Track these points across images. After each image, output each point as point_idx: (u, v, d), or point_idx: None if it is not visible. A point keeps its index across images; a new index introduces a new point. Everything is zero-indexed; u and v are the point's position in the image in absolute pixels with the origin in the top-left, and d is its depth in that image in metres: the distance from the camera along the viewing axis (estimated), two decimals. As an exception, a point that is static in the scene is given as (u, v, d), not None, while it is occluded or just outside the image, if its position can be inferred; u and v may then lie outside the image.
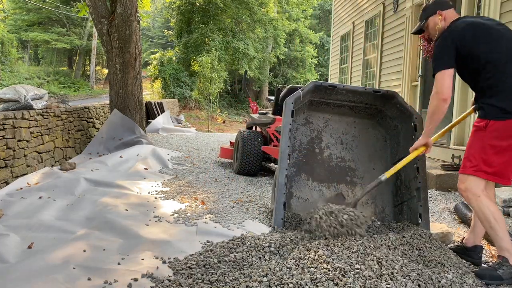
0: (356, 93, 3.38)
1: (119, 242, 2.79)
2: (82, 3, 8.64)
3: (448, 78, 2.39)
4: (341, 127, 3.59)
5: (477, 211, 2.42)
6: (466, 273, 2.28)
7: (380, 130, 3.56)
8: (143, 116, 7.35)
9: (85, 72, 31.16)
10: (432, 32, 2.63)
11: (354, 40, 10.14)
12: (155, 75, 20.04)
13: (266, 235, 2.91)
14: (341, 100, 3.45)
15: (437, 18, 2.57)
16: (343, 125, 3.59)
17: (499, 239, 2.39)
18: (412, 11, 6.83)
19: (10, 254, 2.53)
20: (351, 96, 3.40)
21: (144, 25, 31.90)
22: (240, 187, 4.68)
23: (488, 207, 2.37)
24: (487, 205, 2.37)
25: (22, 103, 4.98)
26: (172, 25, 23.48)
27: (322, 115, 3.59)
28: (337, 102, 3.47)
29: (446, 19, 2.54)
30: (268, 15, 22.29)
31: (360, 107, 3.50)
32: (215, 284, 2.15)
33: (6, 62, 21.14)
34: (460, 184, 2.47)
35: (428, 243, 2.56)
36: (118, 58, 6.70)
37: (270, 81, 27.22)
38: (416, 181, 3.01)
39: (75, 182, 4.25)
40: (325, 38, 30.14)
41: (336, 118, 3.60)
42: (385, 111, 3.45)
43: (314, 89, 3.34)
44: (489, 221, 2.37)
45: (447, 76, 2.39)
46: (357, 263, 2.20)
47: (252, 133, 5.47)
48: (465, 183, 2.43)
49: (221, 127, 17.39)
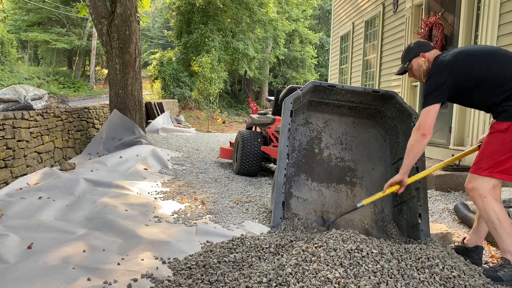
0: (355, 93, 3.39)
1: (118, 242, 2.79)
2: (82, 4, 8.64)
3: (433, 114, 2.45)
4: (340, 127, 3.59)
5: (482, 211, 2.42)
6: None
7: (379, 130, 3.57)
8: (142, 117, 7.35)
9: (85, 72, 31.15)
10: (416, 73, 2.71)
11: (353, 40, 10.15)
12: (155, 75, 20.04)
13: (266, 235, 2.91)
14: (340, 100, 3.46)
15: (420, 60, 2.65)
16: (342, 125, 3.60)
17: (502, 241, 2.39)
18: (412, 11, 6.83)
19: (10, 254, 2.53)
20: (350, 96, 3.41)
21: (144, 25, 31.93)
22: (240, 188, 4.68)
23: (493, 208, 2.37)
24: (492, 206, 2.37)
25: (22, 104, 4.98)
26: (172, 26, 23.47)
27: (322, 115, 3.60)
28: (336, 102, 3.48)
29: (429, 60, 2.63)
30: (268, 15, 22.30)
31: (360, 107, 3.50)
32: (214, 284, 2.15)
33: (5, 62, 21.15)
34: (468, 184, 2.47)
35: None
36: (117, 59, 6.70)
37: (270, 82, 27.24)
38: (415, 181, 3.02)
39: (75, 183, 4.25)
40: (325, 39, 30.17)
41: (336, 119, 3.60)
42: (384, 111, 3.46)
43: (314, 89, 3.35)
44: (493, 222, 2.38)
45: (433, 113, 2.45)
46: (357, 263, 2.20)
47: (252, 134, 5.47)
48: (473, 183, 2.43)
49: (221, 127, 17.39)
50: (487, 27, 4.80)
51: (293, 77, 27.58)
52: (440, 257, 2.33)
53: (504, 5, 4.59)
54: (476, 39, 5.13)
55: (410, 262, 2.28)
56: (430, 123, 2.44)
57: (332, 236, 2.51)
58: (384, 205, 3.43)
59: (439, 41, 5.81)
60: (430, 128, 2.45)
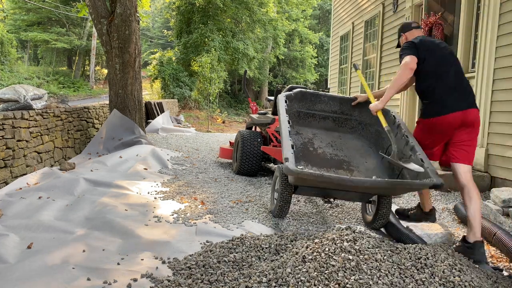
0: (336, 100, 3.82)
1: (118, 242, 2.79)
2: (81, 3, 8.63)
3: (414, 58, 3.05)
4: (328, 138, 3.83)
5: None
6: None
7: (363, 141, 3.82)
8: (142, 116, 7.35)
9: (84, 72, 31.14)
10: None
11: (353, 40, 10.15)
12: (154, 75, 20.02)
13: (266, 235, 2.91)
14: (324, 111, 3.85)
15: (403, 38, 3.42)
16: (330, 137, 3.84)
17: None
18: (412, 11, 6.83)
19: (10, 254, 2.53)
20: (332, 105, 3.85)
21: (143, 25, 31.92)
22: (240, 187, 4.68)
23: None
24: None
25: (22, 103, 4.98)
26: (172, 25, 23.46)
27: (310, 130, 3.87)
28: (321, 113, 3.85)
29: (408, 38, 3.36)
30: (268, 15, 22.28)
31: (342, 119, 3.86)
32: (214, 284, 2.15)
33: (5, 62, 21.14)
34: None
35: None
36: (117, 58, 6.69)
37: (270, 81, 27.24)
38: (408, 145, 3.17)
39: (75, 182, 4.25)
40: (325, 39, 30.17)
41: (323, 132, 3.88)
42: (364, 121, 3.78)
43: (301, 96, 3.78)
44: None
45: (413, 57, 3.05)
46: (357, 263, 2.20)
47: (252, 133, 5.47)
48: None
49: (221, 127, 17.38)
50: (487, 27, 4.80)
51: (293, 77, 27.58)
52: (440, 257, 2.33)
53: (504, 5, 4.59)
54: (476, 39, 5.13)
55: (410, 262, 2.28)
56: (413, 61, 3.03)
57: (332, 235, 2.51)
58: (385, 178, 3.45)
59: (439, 41, 5.81)
60: (414, 64, 3.03)
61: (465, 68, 5.35)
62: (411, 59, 3.02)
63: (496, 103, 4.65)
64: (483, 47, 4.83)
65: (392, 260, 2.28)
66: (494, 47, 4.68)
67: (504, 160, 4.49)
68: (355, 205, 4.12)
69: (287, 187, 3.26)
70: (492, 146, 4.67)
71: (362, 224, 3.46)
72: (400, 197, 4.47)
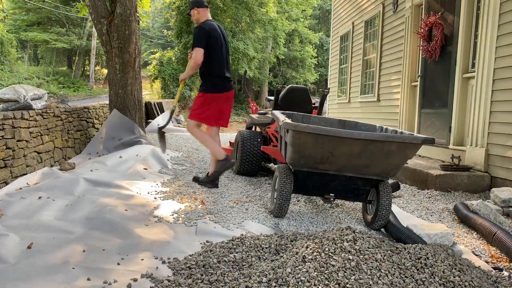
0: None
1: (118, 242, 2.79)
2: (81, 3, 8.63)
3: (202, 52, 4.10)
4: None
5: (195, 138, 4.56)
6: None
7: None
8: (142, 116, 7.35)
9: (84, 72, 31.15)
10: (193, 19, 4.40)
11: (353, 40, 10.15)
12: (154, 75, 20.03)
13: (266, 235, 2.91)
14: None
15: (195, 11, 4.30)
16: None
17: (211, 149, 4.48)
18: (412, 11, 6.83)
19: (10, 254, 2.52)
20: None
21: (143, 25, 31.92)
22: (240, 187, 4.68)
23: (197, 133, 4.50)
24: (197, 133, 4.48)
25: (22, 103, 4.98)
26: (172, 25, 23.46)
27: None
28: None
29: (200, 14, 4.29)
30: (268, 15, 22.28)
31: None
32: (214, 284, 2.15)
33: (5, 62, 21.15)
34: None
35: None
36: (117, 58, 6.69)
37: (270, 81, 27.25)
38: None
39: (75, 182, 4.25)
40: (325, 38, 30.18)
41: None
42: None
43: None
44: (201, 140, 4.53)
45: (200, 52, 4.11)
46: (357, 263, 2.20)
47: (252, 133, 5.47)
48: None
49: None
50: (486, 27, 4.80)
51: (293, 76, 27.60)
52: (440, 257, 2.33)
53: (504, 5, 4.59)
54: (476, 39, 5.13)
55: (410, 262, 2.28)
56: (200, 56, 4.09)
57: (332, 235, 2.51)
58: None
59: (439, 40, 5.81)
60: (201, 59, 4.11)
61: (465, 68, 5.36)
62: None
63: (496, 103, 4.65)
64: (483, 47, 4.83)
65: (392, 260, 2.28)
66: (494, 47, 4.68)
67: (504, 160, 4.49)
68: (355, 205, 4.12)
69: (287, 186, 3.27)
70: (492, 146, 4.67)
71: (362, 224, 3.46)
72: (400, 197, 4.47)
